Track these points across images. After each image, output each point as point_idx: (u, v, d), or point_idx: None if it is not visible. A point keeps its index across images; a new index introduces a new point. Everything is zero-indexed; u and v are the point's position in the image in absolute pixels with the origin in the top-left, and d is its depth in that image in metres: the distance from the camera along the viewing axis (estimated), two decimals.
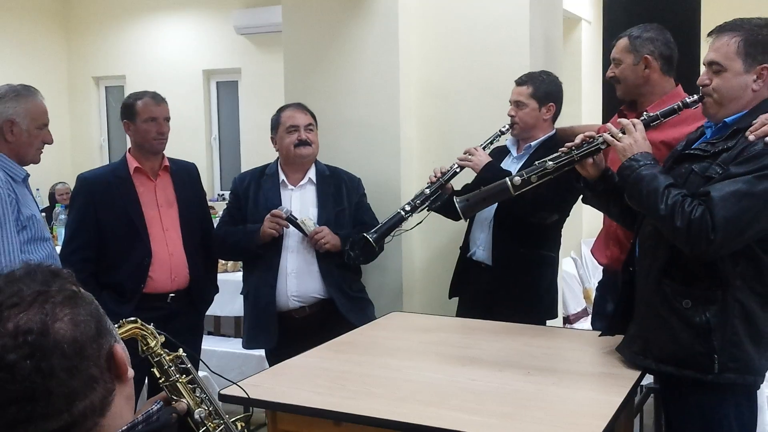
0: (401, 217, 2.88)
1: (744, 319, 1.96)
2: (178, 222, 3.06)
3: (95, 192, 2.99)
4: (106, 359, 0.97)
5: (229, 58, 8.12)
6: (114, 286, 2.91)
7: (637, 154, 2.07)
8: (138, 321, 1.43)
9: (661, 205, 1.95)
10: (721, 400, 2.01)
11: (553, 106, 2.99)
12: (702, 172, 2.00)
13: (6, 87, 2.55)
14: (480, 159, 2.91)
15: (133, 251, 2.95)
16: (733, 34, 2.02)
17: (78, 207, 3.02)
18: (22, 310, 0.91)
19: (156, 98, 3.04)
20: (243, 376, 2.26)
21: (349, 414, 1.93)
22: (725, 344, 1.95)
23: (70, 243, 2.96)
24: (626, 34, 2.72)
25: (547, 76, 3.01)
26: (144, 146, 3.02)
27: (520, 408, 1.93)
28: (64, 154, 8.52)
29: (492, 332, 2.67)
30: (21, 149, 2.54)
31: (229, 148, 8.52)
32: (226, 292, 4.06)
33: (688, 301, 1.99)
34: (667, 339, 2.03)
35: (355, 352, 2.50)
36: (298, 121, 3.09)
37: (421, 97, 3.58)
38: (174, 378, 1.46)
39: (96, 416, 0.95)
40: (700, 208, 1.90)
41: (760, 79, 2.01)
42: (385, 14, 3.47)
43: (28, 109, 2.53)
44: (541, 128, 3.00)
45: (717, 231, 1.86)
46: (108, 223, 2.95)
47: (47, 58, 8.64)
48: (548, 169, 2.26)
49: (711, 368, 1.96)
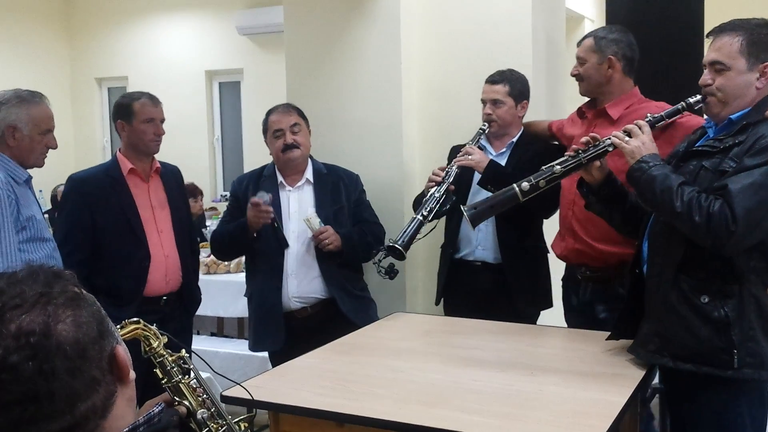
0: (421, 223, 2.87)
1: (759, 314, 1.98)
2: (170, 224, 3.05)
3: (89, 193, 2.93)
4: (108, 361, 0.97)
5: (232, 58, 8.13)
6: (109, 290, 2.83)
7: (645, 156, 2.08)
8: (141, 322, 1.43)
9: (677, 202, 1.96)
10: (735, 396, 2.02)
11: (527, 104, 3.08)
12: (714, 168, 2.01)
13: (11, 93, 2.58)
14: (481, 158, 2.93)
15: (131, 253, 2.92)
16: (734, 34, 2.04)
17: (70, 208, 2.96)
18: (24, 312, 0.91)
19: (153, 99, 3.03)
20: (246, 377, 2.26)
21: (352, 415, 1.92)
22: (743, 339, 1.97)
23: (64, 245, 2.85)
24: (592, 34, 2.83)
25: (518, 74, 3.08)
26: (139, 147, 2.99)
27: (523, 408, 1.92)
28: (67, 156, 8.53)
29: (494, 332, 2.67)
30: (23, 154, 2.59)
31: (231, 148, 8.52)
32: (229, 294, 4.06)
33: (706, 296, 2.00)
34: (686, 335, 2.03)
35: (357, 353, 2.49)
36: (282, 124, 3.08)
37: (423, 96, 3.58)
38: (177, 379, 1.46)
39: (98, 418, 0.94)
40: (718, 202, 1.91)
41: (763, 77, 2.03)
42: (386, 14, 3.47)
43: (31, 115, 2.56)
44: (516, 126, 3.09)
45: (738, 222, 1.88)
46: (104, 225, 2.91)
47: (50, 59, 8.66)
48: (556, 173, 2.27)
49: (730, 364, 1.97)
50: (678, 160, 2.16)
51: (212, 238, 3.23)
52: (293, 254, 3.04)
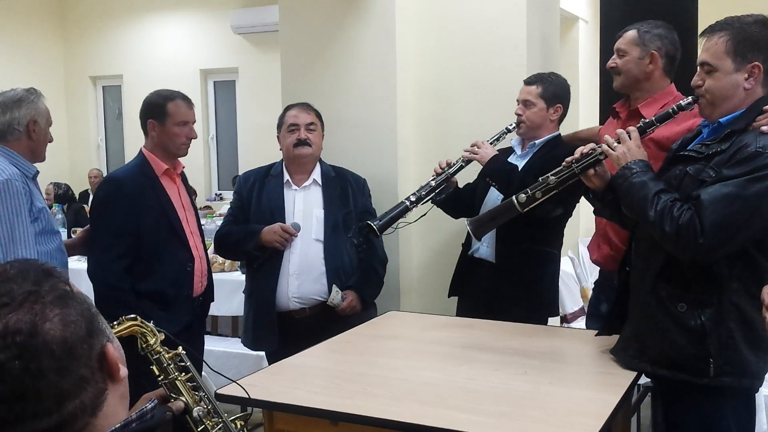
0: (406, 207, 2.86)
1: (741, 323, 1.96)
2: (196, 225, 3.02)
3: (130, 195, 2.79)
4: (98, 359, 0.96)
5: (227, 57, 8.13)
6: (155, 294, 2.76)
7: (630, 162, 2.08)
8: (137, 318, 1.43)
9: (651, 211, 1.96)
10: (718, 402, 2.01)
11: (560, 107, 2.99)
12: (696, 175, 1.99)
13: (21, 91, 2.68)
14: (486, 152, 2.91)
15: (175, 256, 2.83)
16: (722, 34, 2.00)
17: (117, 211, 2.78)
18: (12, 310, 0.91)
19: (187, 101, 2.95)
20: (240, 375, 2.26)
21: (346, 413, 1.92)
22: (721, 348, 1.95)
23: (111, 250, 2.75)
24: (635, 27, 2.70)
25: (556, 78, 3.01)
26: (169, 149, 2.89)
27: (517, 407, 1.93)
28: (62, 154, 8.51)
29: (489, 331, 2.67)
30: (39, 147, 2.69)
31: (226, 147, 8.52)
32: (224, 292, 4.05)
33: (683, 305, 1.99)
34: (663, 342, 2.03)
35: (352, 351, 2.50)
36: (299, 120, 3.09)
37: (418, 96, 3.58)
38: (173, 376, 1.46)
39: (87, 416, 0.94)
40: (689, 213, 1.90)
41: (751, 77, 1.98)
42: (382, 14, 3.47)
43: (43, 110, 2.69)
44: (546, 128, 3.00)
45: (705, 235, 1.87)
46: (148, 228, 2.79)
47: (44, 57, 8.64)
48: (551, 183, 2.28)
49: (706, 372, 1.96)
50: (667, 162, 2.16)
51: (217, 238, 3.20)
52: (296, 255, 3.03)
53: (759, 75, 1.97)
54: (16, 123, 2.60)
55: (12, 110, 2.60)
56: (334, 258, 3.04)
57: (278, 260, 3.02)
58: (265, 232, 2.98)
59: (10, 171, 2.50)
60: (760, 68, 1.97)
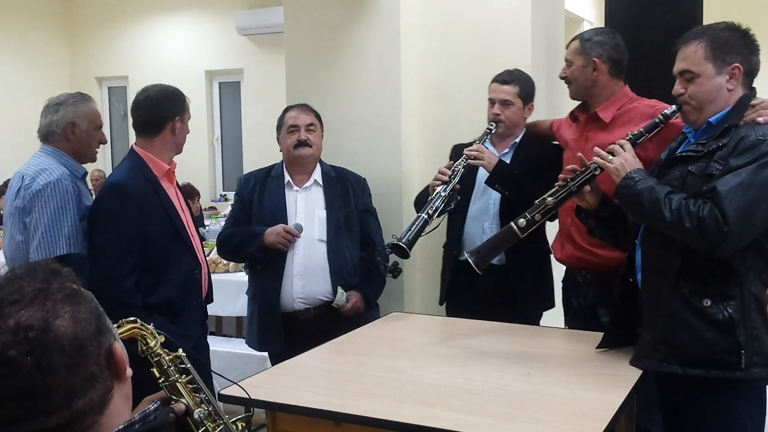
0: (425, 221, 2.84)
1: (760, 312, 2.00)
2: (193, 226, 2.86)
3: (139, 202, 2.58)
4: (106, 357, 0.97)
5: (232, 58, 8.14)
6: (160, 306, 2.57)
7: (630, 172, 2.11)
8: (137, 321, 1.43)
9: (666, 212, 1.98)
10: (736, 397, 2.03)
11: (533, 106, 3.08)
12: (701, 172, 2.02)
13: (65, 95, 2.83)
14: (491, 158, 2.92)
15: (182, 263, 2.67)
16: (698, 41, 2.08)
17: (124, 221, 2.55)
18: (23, 307, 0.91)
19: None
20: (244, 376, 2.26)
21: (349, 414, 1.92)
22: (749, 338, 1.98)
23: (122, 263, 2.52)
24: (578, 36, 2.79)
25: (526, 76, 3.07)
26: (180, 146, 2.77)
27: (519, 409, 1.93)
28: None
29: (492, 333, 2.67)
30: (81, 149, 2.78)
31: (231, 148, 8.53)
32: (228, 293, 4.06)
33: (708, 300, 2.01)
34: (692, 341, 2.03)
35: (354, 352, 2.50)
36: (299, 121, 3.09)
37: (423, 96, 3.58)
38: (173, 378, 1.46)
39: (94, 414, 0.95)
40: (707, 206, 1.93)
41: (732, 78, 2.07)
42: (386, 14, 3.47)
43: (85, 112, 2.78)
44: (520, 127, 3.08)
45: (729, 223, 1.90)
46: (155, 236, 2.60)
47: (50, 58, 8.66)
48: (549, 205, 2.29)
49: (738, 365, 1.98)
50: (662, 167, 2.17)
51: (220, 240, 3.19)
52: (300, 255, 3.03)
53: (739, 75, 2.08)
54: (54, 125, 2.73)
55: (52, 113, 2.75)
56: (337, 258, 3.04)
57: (281, 261, 3.02)
58: (268, 234, 2.98)
59: (60, 171, 2.63)
60: (740, 69, 2.07)
